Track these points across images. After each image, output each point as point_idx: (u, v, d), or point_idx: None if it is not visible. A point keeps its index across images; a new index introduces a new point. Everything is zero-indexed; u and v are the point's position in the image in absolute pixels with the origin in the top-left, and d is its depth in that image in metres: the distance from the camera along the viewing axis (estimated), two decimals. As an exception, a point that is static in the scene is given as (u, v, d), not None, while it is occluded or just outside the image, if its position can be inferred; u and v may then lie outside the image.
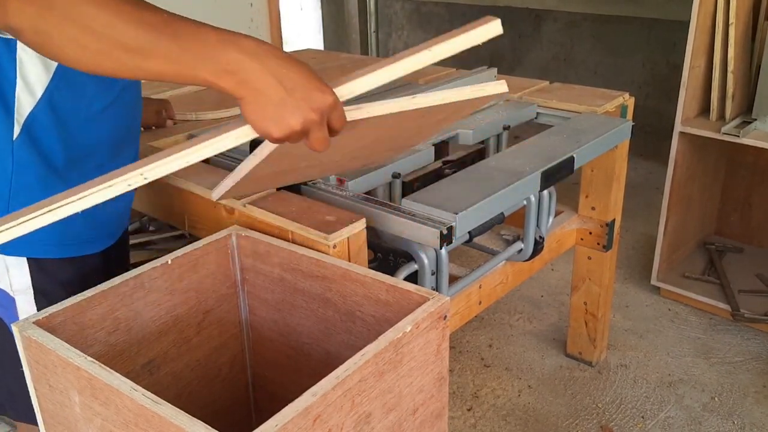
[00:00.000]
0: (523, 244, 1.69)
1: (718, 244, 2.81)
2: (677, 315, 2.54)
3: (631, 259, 2.94)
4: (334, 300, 1.15)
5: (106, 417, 0.89)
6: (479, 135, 1.75)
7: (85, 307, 1.04)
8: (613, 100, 1.93)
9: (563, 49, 4.66)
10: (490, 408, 2.10)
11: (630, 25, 4.28)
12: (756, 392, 2.13)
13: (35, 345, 0.95)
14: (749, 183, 2.78)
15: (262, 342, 1.30)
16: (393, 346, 0.93)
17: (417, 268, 1.40)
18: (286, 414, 0.79)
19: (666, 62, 4.22)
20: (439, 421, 1.09)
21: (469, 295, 1.62)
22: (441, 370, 1.05)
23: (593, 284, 2.14)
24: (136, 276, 1.10)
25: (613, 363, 2.28)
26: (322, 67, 2.44)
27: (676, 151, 2.42)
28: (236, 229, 1.25)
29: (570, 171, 1.57)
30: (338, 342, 1.18)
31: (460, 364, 2.31)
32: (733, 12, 2.22)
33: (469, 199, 1.31)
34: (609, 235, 2.04)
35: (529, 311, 2.60)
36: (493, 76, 2.01)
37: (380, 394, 0.93)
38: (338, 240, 1.17)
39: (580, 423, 2.03)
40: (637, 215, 3.34)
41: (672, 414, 2.06)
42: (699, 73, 2.35)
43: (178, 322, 1.19)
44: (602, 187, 2.00)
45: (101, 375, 0.86)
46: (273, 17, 3.79)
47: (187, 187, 1.41)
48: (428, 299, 1.01)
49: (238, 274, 1.27)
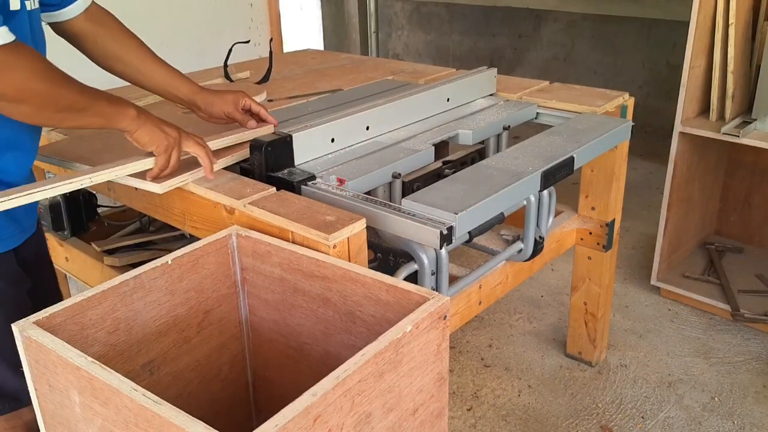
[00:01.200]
0: (523, 244, 1.69)
1: (718, 244, 2.82)
2: (677, 315, 2.54)
3: (631, 259, 2.94)
4: (334, 300, 1.15)
5: (106, 417, 0.89)
6: (479, 135, 1.75)
7: (85, 307, 1.04)
8: (613, 100, 1.93)
9: (563, 49, 4.66)
10: (490, 408, 2.10)
11: (630, 25, 4.28)
12: (756, 392, 2.13)
13: (35, 345, 0.96)
14: (749, 183, 2.78)
15: (262, 342, 1.31)
16: (393, 346, 0.93)
17: (417, 268, 1.40)
18: (286, 414, 0.79)
19: (666, 62, 4.22)
20: (439, 421, 1.09)
21: (469, 295, 1.62)
22: (441, 370, 1.05)
23: (593, 284, 2.14)
24: (136, 276, 1.10)
25: (613, 363, 2.28)
26: (322, 67, 2.44)
27: (676, 151, 2.42)
28: (236, 229, 1.25)
29: (570, 171, 1.57)
30: (338, 342, 1.18)
31: (460, 364, 2.31)
32: (733, 12, 2.22)
33: (469, 199, 1.31)
34: (609, 235, 2.04)
35: (529, 311, 2.60)
36: (492, 75, 2.01)
37: (380, 394, 0.93)
38: (338, 240, 1.17)
39: (580, 423, 2.03)
40: (637, 215, 3.34)
41: (672, 414, 2.06)
42: (699, 73, 2.35)
43: (178, 322, 1.19)
44: (602, 187, 2.00)
45: (101, 375, 0.86)
46: (273, 17, 3.79)
47: (187, 187, 1.41)
48: (428, 299, 1.01)
49: (238, 274, 1.27)
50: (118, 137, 1.35)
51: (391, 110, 1.71)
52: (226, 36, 3.42)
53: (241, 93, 1.58)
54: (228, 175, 1.45)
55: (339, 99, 1.98)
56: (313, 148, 1.54)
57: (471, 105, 1.94)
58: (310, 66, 2.47)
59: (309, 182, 1.42)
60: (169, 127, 1.34)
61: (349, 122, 1.61)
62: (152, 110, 1.92)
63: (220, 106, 1.55)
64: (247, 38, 3.47)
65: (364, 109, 1.65)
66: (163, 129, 1.32)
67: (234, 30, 3.57)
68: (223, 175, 1.45)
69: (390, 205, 1.32)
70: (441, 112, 1.86)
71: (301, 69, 2.42)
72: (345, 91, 2.07)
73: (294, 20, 5.32)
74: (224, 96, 1.56)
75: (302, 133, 1.50)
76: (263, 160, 1.44)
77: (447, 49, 5.24)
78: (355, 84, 2.16)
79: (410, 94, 1.78)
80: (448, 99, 1.87)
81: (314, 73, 2.36)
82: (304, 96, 2.02)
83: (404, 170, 1.54)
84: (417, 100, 1.78)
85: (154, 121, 1.31)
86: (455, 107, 1.90)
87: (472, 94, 1.96)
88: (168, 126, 1.33)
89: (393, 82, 2.19)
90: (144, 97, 2.03)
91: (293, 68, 2.44)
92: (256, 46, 3.54)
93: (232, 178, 1.43)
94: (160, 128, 1.31)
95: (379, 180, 1.49)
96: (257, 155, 1.44)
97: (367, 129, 1.66)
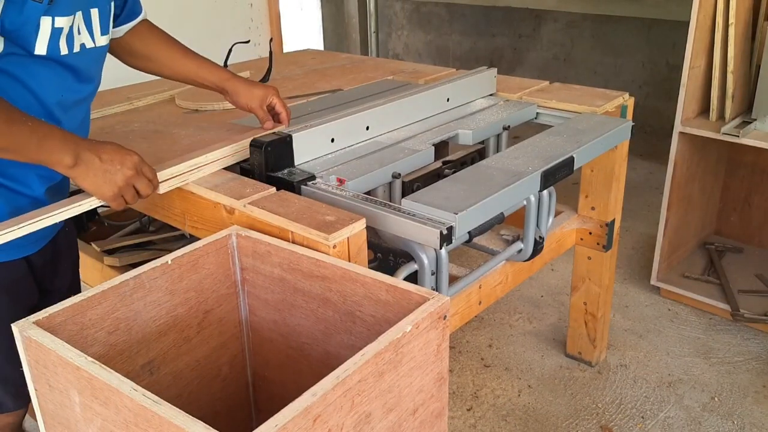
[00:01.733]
0: (523, 244, 1.69)
1: (718, 244, 2.82)
2: (677, 315, 2.54)
3: (631, 259, 2.94)
4: (334, 300, 1.15)
5: (106, 417, 0.89)
6: (479, 135, 1.75)
7: (85, 307, 1.04)
8: (613, 100, 1.93)
9: (563, 49, 4.66)
10: (489, 408, 2.10)
11: (630, 25, 4.28)
12: (756, 392, 2.13)
13: (35, 345, 0.96)
14: (749, 183, 2.78)
15: (262, 342, 1.30)
16: (393, 346, 0.93)
17: (417, 268, 1.40)
18: (286, 414, 0.79)
19: (666, 62, 4.23)
20: (439, 421, 1.09)
21: (469, 295, 1.62)
22: (441, 370, 1.05)
23: (593, 284, 2.14)
24: (136, 276, 1.10)
25: (613, 363, 2.28)
26: (322, 67, 2.44)
27: (676, 151, 2.42)
28: (236, 229, 1.25)
29: (570, 171, 1.57)
30: (338, 342, 1.18)
31: (460, 364, 2.31)
32: (733, 12, 2.22)
33: (469, 199, 1.31)
34: (609, 235, 2.04)
35: (529, 311, 2.60)
36: (492, 75, 2.01)
37: (380, 394, 0.93)
38: (338, 240, 1.17)
39: (580, 423, 2.03)
40: (637, 215, 3.34)
41: (672, 414, 2.06)
42: (699, 73, 2.35)
43: (178, 322, 1.19)
44: (602, 187, 2.00)
45: (101, 375, 0.86)
46: (273, 17, 3.79)
47: (187, 187, 1.41)
48: (428, 299, 1.01)
49: (238, 274, 1.27)
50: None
51: (391, 110, 1.71)
52: (226, 36, 3.41)
53: (271, 90, 1.58)
54: (228, 175, 1.45)
55: (339, 99, 1.98)
56: (313, 148, 1.54)
57: (471, 105, 1.94)
58: (310, 66, 2.47)
59: (309, 182, 1.42)
60: (121, 165, 1.20)
61: (349, 122, 1.61)
62: (151, 110, 1.94)
63: (246, 99, 1.55)
64: (247, 38, 3.47)
65: (364, 109, 1.65)
66: (108, 176, 1.19)
67: (234, 30, 3.56)
68: (223, 175, 1.45)
69: (390, 205, 1.32)
70: (441, 112, 1.86)
71: (301, 69, 2.42)
72: (345, 91, 2.07)
73: (294, 20, 5.32)
74: (253, 90, 1.56)
75: (302, 133, 1.50)
76: (263, 160, 1.44)
77: (447, 49, 5.24)
78: (355, 84, 2.16)
79: (410, 94, 1.78)
80: (448, 99, 1.87)
81: (314, 73, 2.36)
82: (304, 96, 2.02)
83: (404, 170, 1.54)
84: (417, 100, 1.78)
85: (96, 169, 1.17)
86: (455, 107, 1.90)
87: (472, 94, 1.95)
88: (119, 165, 1.20)
89: (393, 82, 2.19)
90: (145, 96, 2.03)
91: (293, 68, 2.44)
92: (256, 46, 3.54)
93: (232, 178, 1.43)
94: (105, 176, 1.18)
95: (379, 180, 1.49)
96: (257, 155, 1.44)
97: (367, 129, 1.66)
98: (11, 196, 1.24)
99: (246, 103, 1.56)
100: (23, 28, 1.12)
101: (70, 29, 1.21)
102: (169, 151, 1.56)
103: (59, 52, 1.20)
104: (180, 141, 1.64)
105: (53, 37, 1.17)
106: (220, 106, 1.89)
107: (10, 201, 1.24)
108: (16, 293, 1.31)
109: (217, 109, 1.90)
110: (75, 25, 1.22)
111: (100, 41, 1.30)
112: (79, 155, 1.16)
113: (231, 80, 1.55)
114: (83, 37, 1.25)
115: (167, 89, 2.09)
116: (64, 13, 1.17)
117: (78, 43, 1.24)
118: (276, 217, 1.24)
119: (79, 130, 1.31)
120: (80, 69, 1.27)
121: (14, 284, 1.31)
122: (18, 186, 1.25)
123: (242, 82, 1.56)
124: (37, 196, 1.27)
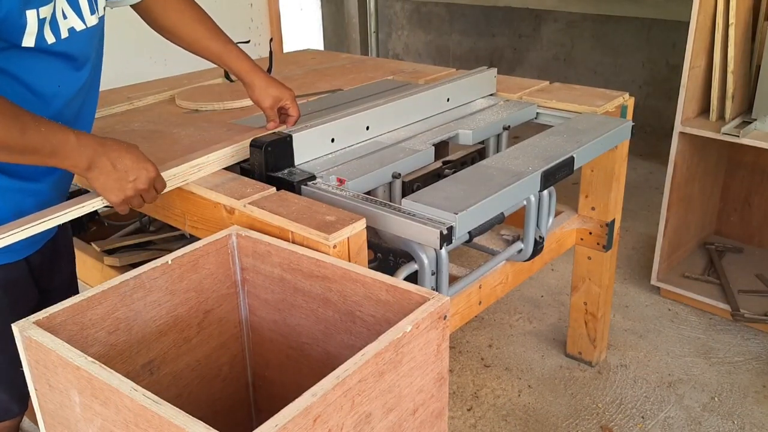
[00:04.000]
0: (523, 244, 1.69)
1: (718, 244, 2.81)
2: (677, 315, 2.54)
3: (631, 259, 2.94)
4: (334, 300, 1.15)
5: (106, 417, 0.89)
6: (479, 135, 1.75)
7: (85, 307, 1.04)
8: (613, 100, 1.93)
9: (563, 49, 4.66)
10: (490, 408, 2.10)
11: (630, 25, 4.28)
12: (756, 392, 2.13)
13: (35, 345, 0.96)
14: (749, 183, 2.78)
15: (262, 342, 1.30)
16: (393, 346, 0.93)
17: (417, 268, 1.40)
18: (286, 414, 0.79)
19: (666, 62, 4.23)
20: (439, 421, 1.09)
21: (469, 295, 1.62)
22: (441, 370, 1.05)
23: (593, 284, 2.14)
24: (136, 276, 1.10)
25: (613, 363, 2.28)
26: (322, 67, 2.44)
27: (676, 151, 2.42)
28: (236, 229, 1.25)
29: (570, 171, 1.57)
30: (338, 342, 1.18)
31: (460, 364, 2.31)
32: (733, 12, 2.22)
33: (469, 199, 1.31)
34: (609, 235, 2.04)
35: (529, 311, 2.60)
36: (493, 75, 2.01)
37: (380, 394, 0.93)
38: (338, 240, 1.17)
39: (580, 423, 2.03)
40: (637, 215, 3.34)
41: (672, 414, 2.06)
42: (699, 73, 2.35)
43: (178, 322, 1.19)
44: (602, 187, 2.00)
45: (101, 375, 0.86)
46: (273, 17, 3.79)
47: (187, 187, 1.41)
48: (428, 299, 1.01)
49: (238, 274, 1.27)
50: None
51: (391, 110, 1.71)
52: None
53: (287, 94, 1.56)
54: (228, 175, 1.45)
55: (339, 99, 1.98)
56: (313, 148, 1.54)
57: (471, 105, 1.94)
58: (310, 66, 2.47)
59: (309, 182, 1.42)
60: (136, 179, 1.19)
61: (349, 122, 1.61)
62: (151, 110, 1.94)
63: (259, 96, 1.54)
64: (247, 38, 3.47)
65: (364, 109, 1.65)
66: (120, 184, 1.19)
67: (234, 30, 3.54)
68: (223, 175, 1.45)
69: (390, 205, 1.32)
70: (441, 112, 1.86)
71: (301, 69, 2.42)
72: (345, 91, 2.07)
73: (294, 20, 5.32)
74: (268, 89, 1.54)
75: (302, 133, 1.50)
76: (263, 160, 1.43)
77: (447, 49, 5.24)
78: (355, 84, 2.16)
79: (410, 94, 1.78)
80: (448, 99, 1.87)
81: (314, 73, 2.36)
82: (304, 96, 2.02)
83: (404, 170, 1.54)
84: (417, 100, 1.78)
85: (109, 174, 1.17)
86: (455, 107, 1.90)
87: (472, 94, 1.95)
88: (134, 176, 1.19)
89: (393, 82, 2.19)
90: (145, 96, 2.03)
91: (293, 68, 2.44)
92: (256, 46, 3.54)
93: (232, 178, 1.43)
94: (117, 183, 1.18)
95: (379, 180, 1.49)
96: (257, 155, 1.44)
97: (367, 129, 1.66)
98: (15, 196, 1.23)
99: (258, 99, 1.55)
100: (4, 22, 1.08)
101: (53, 16, 1.15)
102: (170, 151, 1.56)
103: (46, 41, 1.15)
104: (180, 141, 1.64)
105: (38, 27, 1.12)
106: (220, 106, 1.89)
107: (15, 202, 1.23)
108: (17, 295, 1.31)
109: (217, 109, 1.90)
110: (58, 10, 1.16)
111: (90, 21, 1.23)
112: (94, 161, 1.15)
113: (251, 73, 1.53)
114: (71, 21, 1.19)
115: (167, 89, 2.09)
116: (43, 3, 1.12)
117: (65, 28, 1.18)
118: (276, 217, 1.24)
119: (75, 122, 1.27)
120: (73, 55, 1.22)
121: (15, 286, 1.30)
122: (22, 183, 1.24)
123: (262, 77, 1.53)
124: (41, 189, 1.26)
